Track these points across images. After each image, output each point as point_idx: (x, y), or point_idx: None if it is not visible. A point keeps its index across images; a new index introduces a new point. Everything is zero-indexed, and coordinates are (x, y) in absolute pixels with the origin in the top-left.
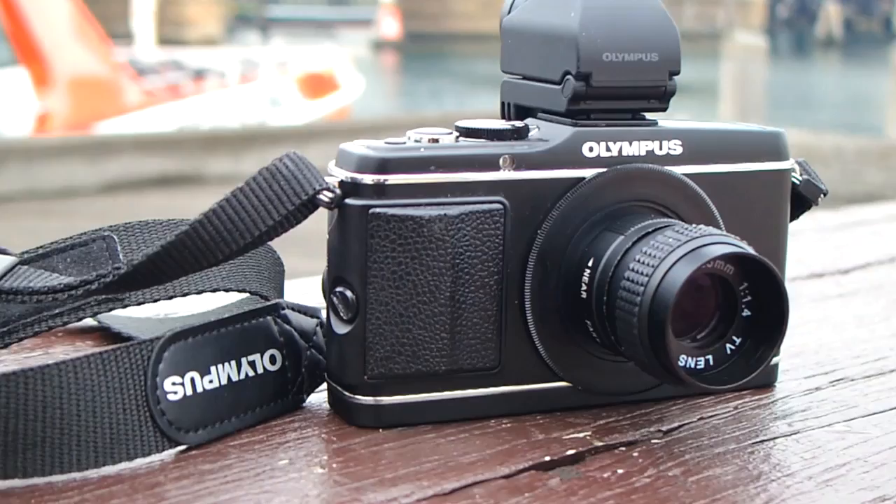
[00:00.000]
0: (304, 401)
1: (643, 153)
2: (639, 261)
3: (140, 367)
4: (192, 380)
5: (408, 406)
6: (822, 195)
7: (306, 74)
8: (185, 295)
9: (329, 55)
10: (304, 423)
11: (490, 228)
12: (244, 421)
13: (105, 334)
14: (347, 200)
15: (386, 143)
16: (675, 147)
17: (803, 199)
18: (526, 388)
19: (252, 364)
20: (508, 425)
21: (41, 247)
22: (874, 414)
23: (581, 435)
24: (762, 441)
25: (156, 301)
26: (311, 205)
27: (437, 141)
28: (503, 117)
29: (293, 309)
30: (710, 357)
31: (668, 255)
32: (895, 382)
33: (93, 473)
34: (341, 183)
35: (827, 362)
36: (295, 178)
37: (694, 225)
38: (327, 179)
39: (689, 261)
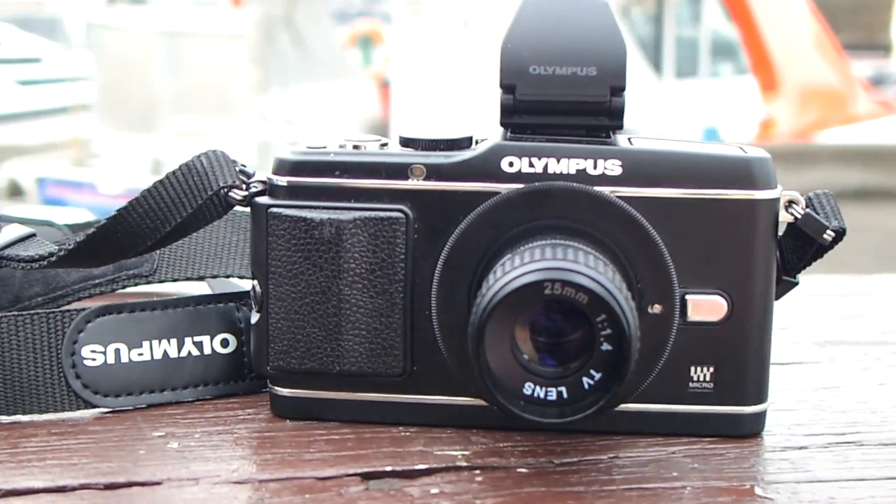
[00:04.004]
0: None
1: (572, 171)
2: (487, 280)
3: (59, 333)
4: (117, 350)
5: (315, 402)
6: (827, 233)
7: None
8: (210, 277)
9: None
10: (236, 406)
11: (388, 236)
12: (181, 395)
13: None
14: (256, 199)
15: (307, 147)
16: (612, 167)
17: (806, 237)
18: (439, 400)
19: (198, 345)
20: (406, 434)
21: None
22: (813, 482)
23: (456, 453)
24: (633, 489)
25: (175, 280)
26: (222, 201)
27: (359, 147)
28: None
29: None
30: (563, 389)
31: (505, 275)
32: None
33: (6, 419)
34: (263, 182)
35: (859, 423)
36: (206, 174)
37: (574, 251)
38: (261, 178)
39: (520, 281)
